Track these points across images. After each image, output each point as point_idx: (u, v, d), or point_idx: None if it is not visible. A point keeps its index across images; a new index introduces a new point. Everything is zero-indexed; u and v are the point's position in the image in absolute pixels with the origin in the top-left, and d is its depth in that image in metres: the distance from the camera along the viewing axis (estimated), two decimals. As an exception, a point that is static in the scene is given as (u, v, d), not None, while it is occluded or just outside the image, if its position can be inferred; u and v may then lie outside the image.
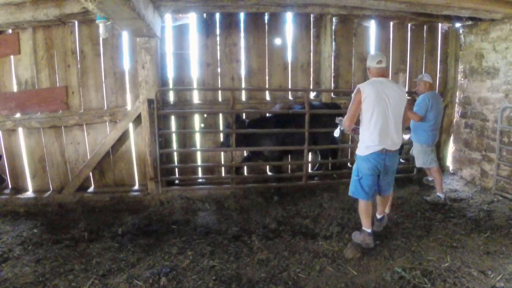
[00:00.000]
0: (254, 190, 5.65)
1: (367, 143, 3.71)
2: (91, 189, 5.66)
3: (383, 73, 3.78)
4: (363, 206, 3.83)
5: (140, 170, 5.76)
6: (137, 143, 5.65)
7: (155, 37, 5.07)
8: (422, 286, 3.18)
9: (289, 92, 6.02)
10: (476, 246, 3.90)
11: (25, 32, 5.24)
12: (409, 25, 6.22)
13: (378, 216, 4.20)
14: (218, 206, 5.30)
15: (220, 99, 5.82)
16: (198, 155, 5.97)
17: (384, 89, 3.64)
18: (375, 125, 3.64)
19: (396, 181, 5.85)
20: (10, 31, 5.27)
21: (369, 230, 3.82)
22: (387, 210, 4.48)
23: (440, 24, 6.31)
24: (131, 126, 5.55)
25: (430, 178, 5.84)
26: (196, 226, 4.63)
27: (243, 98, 5.87)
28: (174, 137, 5.79)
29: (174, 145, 5.80)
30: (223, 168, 6.05)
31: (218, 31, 5.69)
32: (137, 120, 5.43)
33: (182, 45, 5.63)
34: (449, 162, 6.79)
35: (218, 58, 5.75)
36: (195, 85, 5.79)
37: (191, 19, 5.57)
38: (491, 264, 3.53)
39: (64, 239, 4.23)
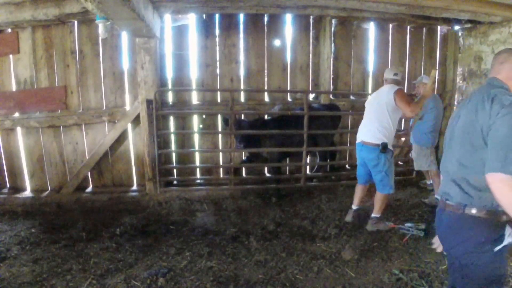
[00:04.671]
0: (252, 191, 5.64)
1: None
2: (89, 189, 5.66)
3: (391, 82, 4.33)
4: (356, 185, 4.67)
5: (138, 170, 5.76)
6: (135, 143, 5.65)
7: (154, 38, 5.07)
8: (420, 288, 3.18)
9: (288, 94, 6.02)
10: (473, 248, 3.89)
11: (25, 31, 5.23)
12: (408, 27, 6.23)
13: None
14: (216, 207, 5.30)
15: (219, 100, 5.82)
16: (197, 156, 5.96)
17: (378, 93, 4.37)
18: (362, 121, 4.44)
19: (395, 183, 5.95)
20: (9, 30, 5.26)
21: (352, 206, 4.64)
22: (372, 214, 4.41)
23: (439, 27, 6.32)
24: (129, 126, 5.55)
25: (428, 182, 5.83)
26: (194, 227, 4.62)
27: (242, 99, 5.88)
28: (172, 138, 5.79)
29: (173, 146, 5.80)
30: (221, 169, 6.05)
31: (217, 32, 5.69)
32: (136, 121, 5.43)
33: (182, 45, 5.63)
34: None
35: (217, 59, 5.75)
36: (194, 86, 5.79)
37: (191, 19, 5.57)
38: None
39: (62, 239, 4.22)
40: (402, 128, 6.30)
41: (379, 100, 4.22)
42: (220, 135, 5.91)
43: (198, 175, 6.03)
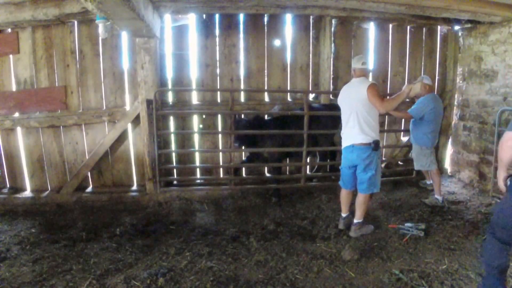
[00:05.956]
0: (252, 191, 5.65)
1: (342, 139, 4.35)
2: (89, 189, 5.66)
3: (360, 74, 4.21)
4: (341, 192, 4.51)
5: (138, 170, 5.76)
6: (135, 143, 5.65)
7: (154, 38, 5.07)
8: (420, 288, 3.18)
9: (288, 94, 6.02)
10: (473, 248, 3.90)
11: (25, 31, 5.24)
12: (408, 27, 6.23)
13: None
14: (216, 207, 5.31)
15: (219, 100, 5.82)
16: (197, 156, 5.96)
17: (349, 89, 4.24)
18: (343, 123, 4.32)
19: (395, 183, 5.97)
20: (9, 30, 5.27)
21: (342, 214, 4.49)
22: (354, 220, 4.31)
23: (439, 27, 6.32)
24: (129, 126, 5.56)
25: (428, 182, 5.84)
26: (194, 227, 4.63)
27: (242, 99, 5.87)
28: (172, 138, 5.79)
29: (173, 146, 5.80)
30: (221, 169, 6.05)
31: (217, 32, 5.69)
32: (136, 121, 5.43)
33: (182, 45, 5.63)
34: (447, 165, 6.80)
35: (217, 59, 5.75)
36: (194, 86, 5.79)
37: (191, 19, 5.57)
38: (489, 266, 3.53)
39: (62, 239, 4.23)
40: (403, 128, 6.32)
41: (353, 98, 4.11)
42: (220, 135, 5.91)
43: (198, 175, 6.03)
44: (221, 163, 6.02)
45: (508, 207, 2.70)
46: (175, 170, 5.93)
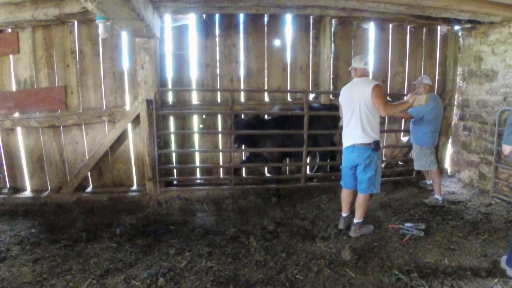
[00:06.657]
0: (252, 191, 5.65)
1: (343, 139, 4.32)
2: (89, 189, 5.66)
3: (361, 73, 4.19)
4: (342, 192, 4.50)
5: (138, 170, 5.76)
6: (135, 143, 5.65)
7: (154, 38, 5.08)
8: (420, 288, 3.18)
9: (288, 94, 6.02)
10: (473, 248, 3.90)
11: (25, 31, 5.24)
12: (408, 27, 6.23)
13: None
14: (216, 207, 5.30)
15: (219, 100, 5.82)
16: (197, 156, 5.96)
17: (352, 89, 4.17)
18: (344, 123, 4.29)
19: (395, 183, 5.97)
20: (9, 30, 5.27)
21: (342, 214, 4.47)
22: (355, 220, 4.29)
23: (439, 27, 6.32)
24: (129, 126, 5.56)
25: (428, 182, 5.84)
26: (194, 227, 4.63)
27: (242, 99, 5.87)
28: (172, 138, 5.79)
29: (173, 146, 5.80)
30: (221, 169, 6.05)
31: (217, 32, 5.69)
32: (136, 121, 5.43)
33: (182, 45, 5.63)
34: (447, 165, 6.80)
35: (217, 59, 5.75)
36: (194, 86, 5.79)
37: (191, 20, 5.57)
38: (489, 266, 3.54)
39: (62, 239, 4.22)
40: (403, 128, 6.32)
41: (356, 97, 4.05)
42: (220, 135, 5.92)
43: (198, 175, 6.03)
44: (221, 163, 6.02)
45: None
46: (175, 170, 5.93)
